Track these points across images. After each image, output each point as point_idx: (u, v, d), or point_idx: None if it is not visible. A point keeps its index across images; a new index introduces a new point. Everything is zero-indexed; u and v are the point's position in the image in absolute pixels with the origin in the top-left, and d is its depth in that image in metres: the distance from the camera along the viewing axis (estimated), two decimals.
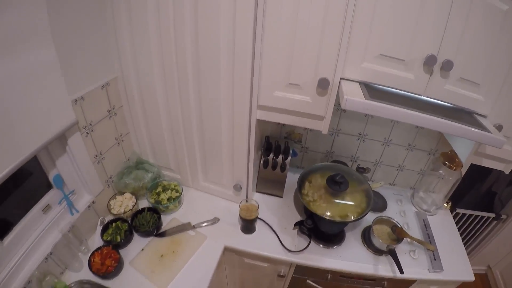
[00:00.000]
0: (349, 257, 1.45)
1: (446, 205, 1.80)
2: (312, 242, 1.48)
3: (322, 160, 1.87)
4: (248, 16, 1.06)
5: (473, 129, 1.09)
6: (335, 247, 1.49)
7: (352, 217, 1.34)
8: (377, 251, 1.46)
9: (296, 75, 1.17)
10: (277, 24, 1.08)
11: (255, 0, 1.03)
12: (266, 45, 1.13)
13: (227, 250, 1.47)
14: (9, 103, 0.87)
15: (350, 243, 1.53)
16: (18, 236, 1.08)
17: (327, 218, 1.33)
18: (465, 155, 1.40)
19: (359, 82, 1.15)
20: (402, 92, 1.18)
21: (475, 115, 1.22)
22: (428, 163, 1.80)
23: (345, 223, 1.34)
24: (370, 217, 1.50)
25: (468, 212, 2.14)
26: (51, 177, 1.19)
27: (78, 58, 1.14)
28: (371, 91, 1.12)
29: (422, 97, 1.18)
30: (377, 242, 1.43)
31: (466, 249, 2.48)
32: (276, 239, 1.50)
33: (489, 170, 2.44)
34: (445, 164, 1.59)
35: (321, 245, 1.50)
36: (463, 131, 1.09)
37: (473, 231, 2.36)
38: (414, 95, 1.18)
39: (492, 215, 2.22)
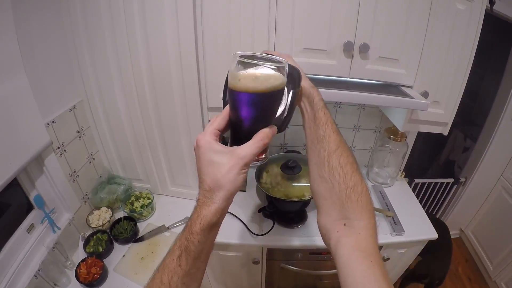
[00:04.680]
0: (314, 233, 1.52)
1: (400, 176, 1.92)
2: (277, 225, 1.56)
3: (278, 152, 1.94)
4: (189, 26, 1.17)
5: (393, 97, 1.20)
6: (299, 226, 1.58)
7: (308, 196, 1.42)
8: None
9: None
10: (214, 34, 1.21)
11: (193, 9, 1.14)
12: (207, 52, 1.24)
13: None
14: None
15: (312, 221, 1.60)
16: (8, 256, 1.13)
17: (286, 199, 1.42)
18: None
19: None
20: (332, 77, 1.31)
21: (401, 87, 1.35)
22: (376, 140, 1.92)
23: (302, 202, 1.46)
24: None
25: (427, 180, 2.24)
26: (31, 198, 1.24)
27: (47, 85, 1.23)
28: None
29: (349, 79, 1.31)
30: None
31: (435, 216, 2.64)
32: (244, 227, 1.56)
33: (443, 142, 2.63)
34: (390, 138, 1.72)
35: (285, 227, 1.57)
36: (385, 100, 1.21)
37: (437, 198, 2.46)
38: (342, 78, 1.31)
39: (451, 180, 2.33)
